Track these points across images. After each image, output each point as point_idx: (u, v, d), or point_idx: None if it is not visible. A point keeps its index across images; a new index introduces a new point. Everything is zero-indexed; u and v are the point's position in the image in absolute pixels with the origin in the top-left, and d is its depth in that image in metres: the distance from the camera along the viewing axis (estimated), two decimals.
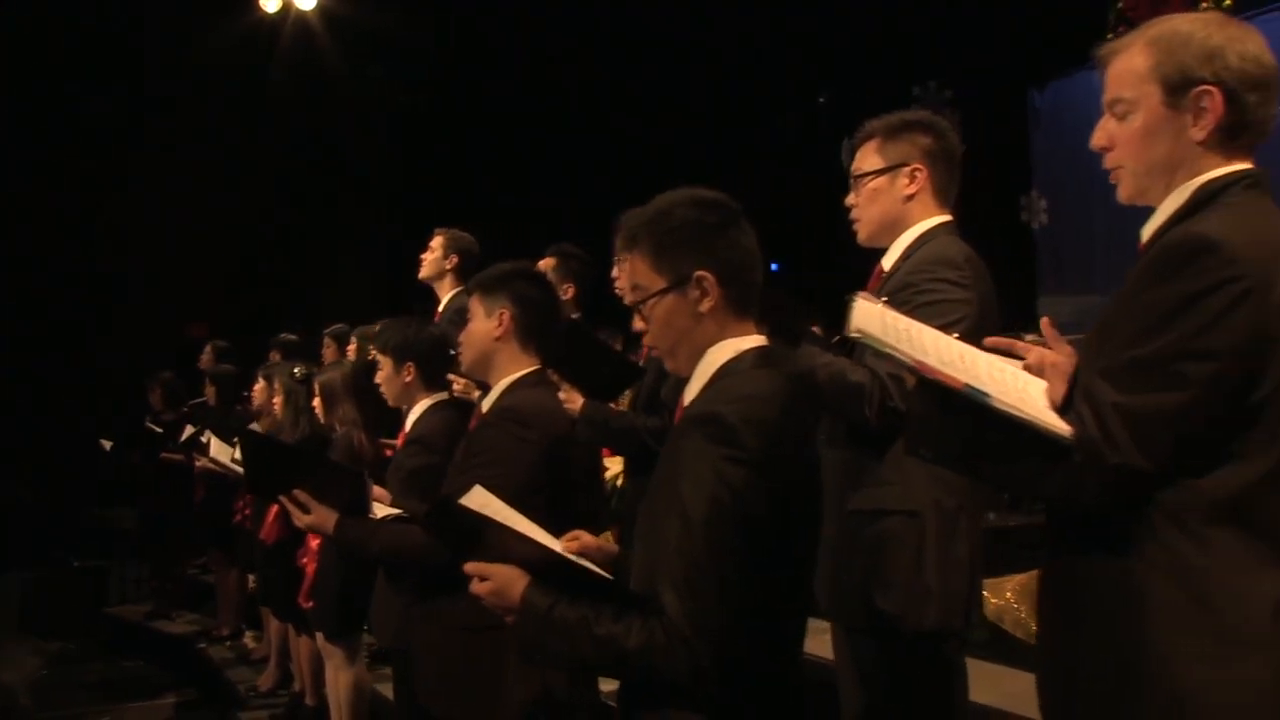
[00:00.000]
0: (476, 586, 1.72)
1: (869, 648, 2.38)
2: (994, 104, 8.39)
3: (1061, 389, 1.49)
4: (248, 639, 6.69)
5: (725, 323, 1.73)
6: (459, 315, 3.36)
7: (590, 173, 9.22)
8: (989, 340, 1.66)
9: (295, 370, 4.89)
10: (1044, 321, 1.66)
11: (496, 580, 1.70)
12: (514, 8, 9.22)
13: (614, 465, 4.54)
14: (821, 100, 8.97)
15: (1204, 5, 6.20)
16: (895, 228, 2.49)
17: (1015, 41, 8.06)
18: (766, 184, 9.00)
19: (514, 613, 1.68)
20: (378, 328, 3.42)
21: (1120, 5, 6.53)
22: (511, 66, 9.66)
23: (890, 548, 2.31)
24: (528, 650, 1.70)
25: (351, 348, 5.06)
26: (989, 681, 3.36)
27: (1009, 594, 3.69)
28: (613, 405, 3.62)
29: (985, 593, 3.87)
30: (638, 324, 1.85)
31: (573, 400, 3.23)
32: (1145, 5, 6.29)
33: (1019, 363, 1.59)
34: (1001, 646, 3.58)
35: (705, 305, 1.71)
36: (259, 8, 8.94)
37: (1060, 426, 1.42)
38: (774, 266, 11.22)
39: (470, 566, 1.73)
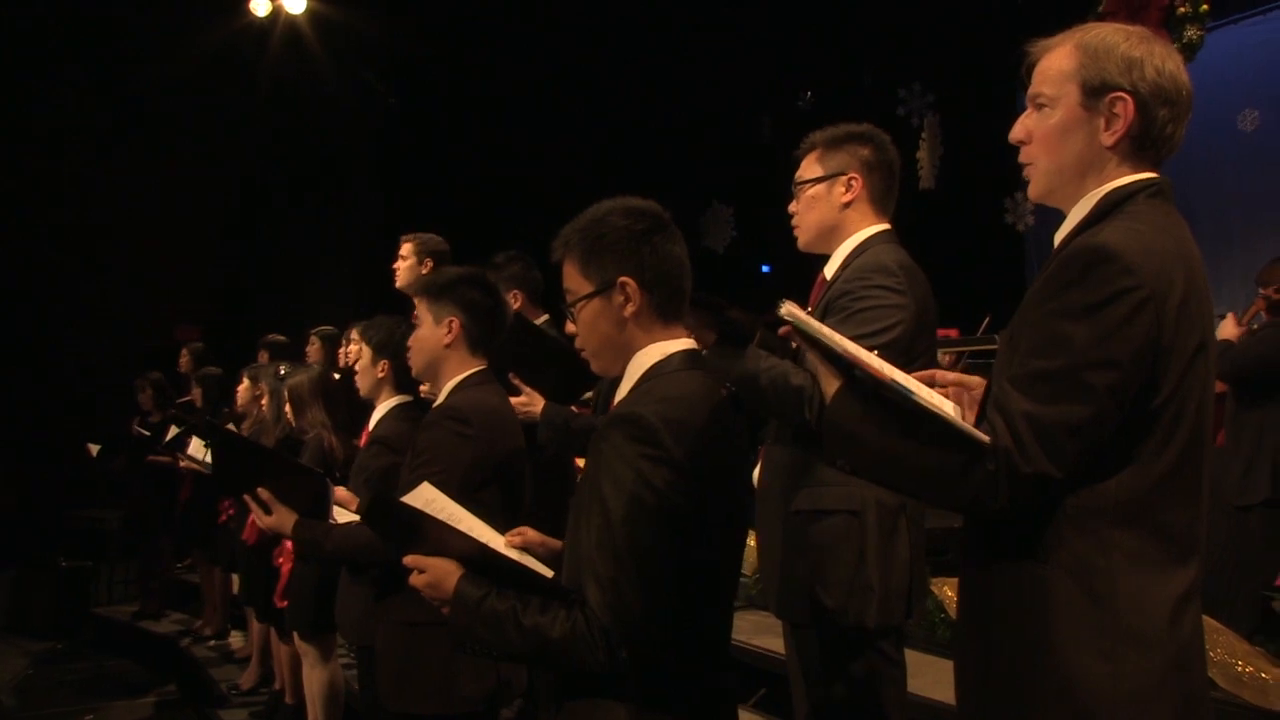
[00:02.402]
0: (414, 579, 1.77)
1: (813, 643, 2.43)
2: (979, 105, 8.39)
3: (971, 417, 1.56)
4: (234, 638, 6.74)
5: (650, 328, 1.78)
6: None
7: (578, 175, 9.25)
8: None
9: (279, 370, 4.93)
10: (944, 363, 1.73)
11: (432, 573, 1.75)
12: (501, 11, 9.25)
13: None
14: (806, 98, 8.93)
15: (1181, 9, 6.23)
16: (833, 235, 2.57)
17: (1001, 43, 8.04)
18: (753, 186, 9.05)
19: (448, 604, 1.72)
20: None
21: (1101, 9, 6.56)
22: (499, 69, 9.68)
23: (833, 546, 2.35)
24: (460, 640, 1.74)
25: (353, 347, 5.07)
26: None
27: None
28: (575, 408, 3.63)
29: (950, 593, 3.91)
30: (569, 326, 1.90)
31: (534, 403, 3.26)
32: (1125, 8, 6.32)
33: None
34: None
35: (629, 310, 1.76)
36: (249, 11, 8.98)
37: (977, 431, 1.46)
38: (765, 268, 11.27)
39: (408, 559, 1.78)
